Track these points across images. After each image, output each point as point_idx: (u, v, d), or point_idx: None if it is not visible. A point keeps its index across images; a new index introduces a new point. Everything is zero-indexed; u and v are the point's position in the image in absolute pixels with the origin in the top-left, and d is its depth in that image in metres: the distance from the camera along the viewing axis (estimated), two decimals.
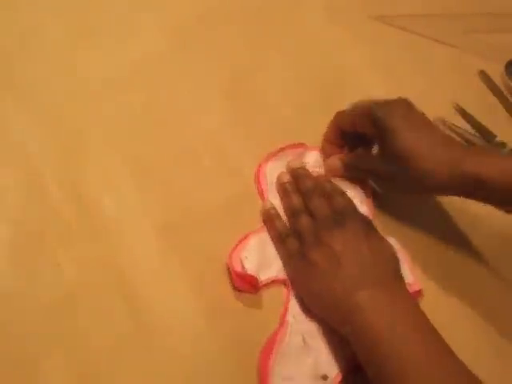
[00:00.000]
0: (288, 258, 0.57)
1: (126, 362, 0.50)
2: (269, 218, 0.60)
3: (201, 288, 0.55)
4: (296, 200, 0.60)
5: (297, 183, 0.61)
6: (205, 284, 0.55)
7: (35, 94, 0.62)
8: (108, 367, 0.47)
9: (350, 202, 0.59)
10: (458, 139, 0.71)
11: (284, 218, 0.60)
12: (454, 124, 0.72)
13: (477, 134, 0.71)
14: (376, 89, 0.73)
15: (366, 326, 0.49)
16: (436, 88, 0.75)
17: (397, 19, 0.80)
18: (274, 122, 0.66)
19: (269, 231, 0.59)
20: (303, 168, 0.62)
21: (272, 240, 0.59)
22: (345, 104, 0.63)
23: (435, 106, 0.73)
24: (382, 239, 0.57)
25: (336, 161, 0.63)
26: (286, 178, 0.62)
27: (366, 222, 0.58)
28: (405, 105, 0.59)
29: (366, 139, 0.62)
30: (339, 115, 0.63)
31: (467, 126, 0.72)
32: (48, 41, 0.67)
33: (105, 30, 0.69)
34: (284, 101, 0.68)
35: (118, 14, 0.72)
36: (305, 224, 0.57)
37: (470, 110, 0.73)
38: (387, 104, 0.59)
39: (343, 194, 0.60)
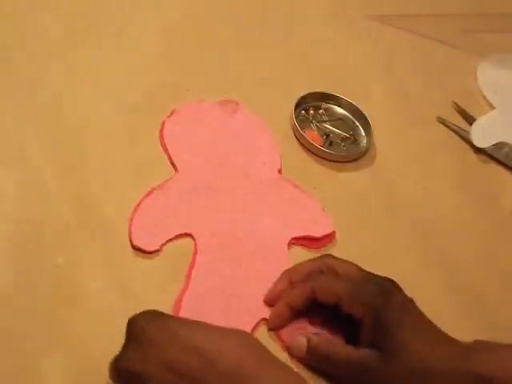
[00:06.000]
0: None
1: None
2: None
3: None
4: None
5: None
6: None
7: (35, 94, 0.62)
8: (107, 367, 0.47)
9: None
10: (458, 139, 0.71)
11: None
12: (454, 124, 0.72)
13: None
14: (376, 89, 0.73)
15: None
16: (436, 88, 0.75)
17: (397, 19, 0.81)
18: (273, 124, 0.66)
19: None
20: None
21: None
22: None
23: (435, 106, 0.74)
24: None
25: (303, 340, 0.51)
26: None
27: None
28: (403, 296, 0.52)
29: (336, 311, 0.52)
30: (319, 282, 0.52)
31: (467, 126, 0.72)
32: (48, 41, 0.67)
33: (104, 30, 0.69)
34: (284, 100, 0.68)
35: (117, 14, 0.72)
36: None
37: (470, 110, 0.74)
38: (383, 293, 0.51)
39: None
